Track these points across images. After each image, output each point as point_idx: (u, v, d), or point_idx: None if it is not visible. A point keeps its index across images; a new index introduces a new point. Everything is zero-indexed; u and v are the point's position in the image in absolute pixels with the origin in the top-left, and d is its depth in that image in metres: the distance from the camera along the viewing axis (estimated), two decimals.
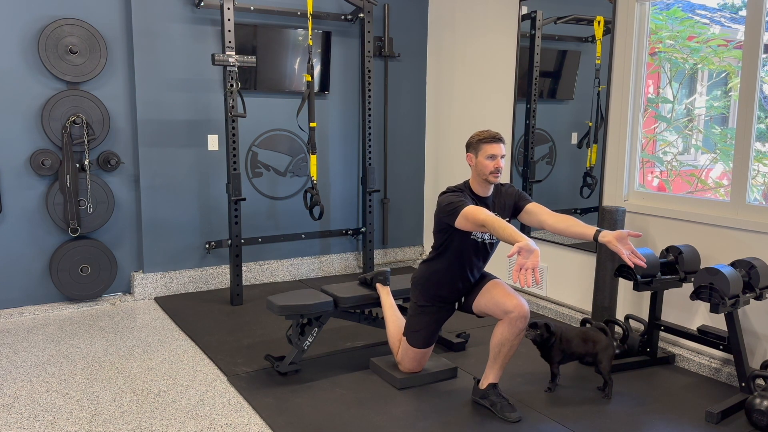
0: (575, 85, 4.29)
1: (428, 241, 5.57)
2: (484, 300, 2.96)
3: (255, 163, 4.84)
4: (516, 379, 3.24)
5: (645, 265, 2.66)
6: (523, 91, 4.50)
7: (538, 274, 2.37)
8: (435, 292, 3.06)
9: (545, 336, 3.03)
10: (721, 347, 3.09)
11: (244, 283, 4.78)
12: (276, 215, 4.98)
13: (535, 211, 2.94)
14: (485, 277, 3.06)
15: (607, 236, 2.65)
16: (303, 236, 5.05)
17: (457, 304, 3.10)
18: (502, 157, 2.85)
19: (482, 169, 2.86)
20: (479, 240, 2.94)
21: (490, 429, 2.74)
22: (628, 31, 3.72)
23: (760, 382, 2.93)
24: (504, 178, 4.63)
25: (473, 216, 2.67)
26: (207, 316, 4.16)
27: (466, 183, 2.98)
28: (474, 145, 2.89)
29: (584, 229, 2.76)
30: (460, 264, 2.98)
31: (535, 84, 4.41)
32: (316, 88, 4.86)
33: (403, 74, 5.37)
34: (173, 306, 4.36)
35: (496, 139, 2.86)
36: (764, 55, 3.14)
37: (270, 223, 4.96)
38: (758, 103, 3.15)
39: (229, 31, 4.16)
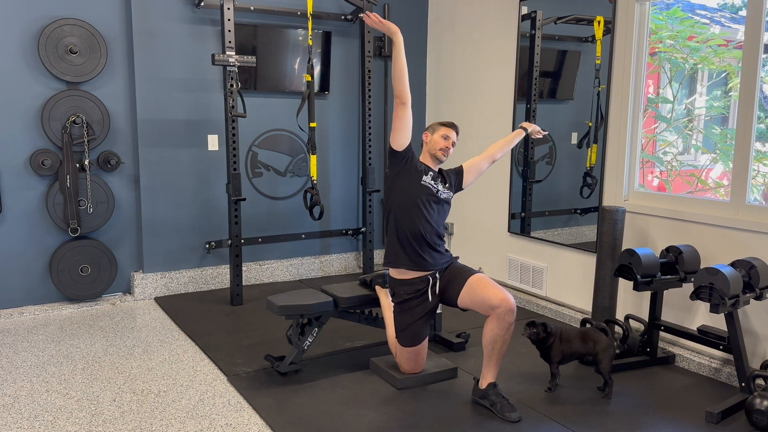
0: (575, 85, 4.29)
1: None
2: (468, 296, 2.98)
3: (255, 163, 4.84)
4: (516, 379, 3.24)
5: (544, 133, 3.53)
6: (523, 91, 4.50)
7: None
8: (401, 277, 3.08)
9: (542, 335, 3.03)
10: (721, 347, 3.09)
11: (244, 283, 4.78)
12: (276, 215, 4.98)
13: (472, 162, 3.32)
14: (467, 271, 3.06)
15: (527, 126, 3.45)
16: (303, 236, 5.05)
17: (430, 294, 3.07)
18: (453, 144, 3.16)
19: (434, 145, 3.13)
20: (424, 198, 3.05)
21: (490, 429, 2.74)
22: (628, 31, 3.72)
23: (760, 382, 2.93)
24: (504, 177, 4.63)
25: (398, 102, 2.95)
26: (207, 316, 4.16)
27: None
28: (433, 126, 3.20)
29: (509, 137, 3.45)
30: (409, 223, 3.03)
31: (535, 84, 4.41)
32: (316, 88, 4.86)
33: None
34: (173, 306, 4.36)
35: (454, 126, 3.19)
36: (764, 55, 3.14)
37: (270, 223, 4.96)
38: (758, 103, 3.15)
39: (229, 31, 4.16)
